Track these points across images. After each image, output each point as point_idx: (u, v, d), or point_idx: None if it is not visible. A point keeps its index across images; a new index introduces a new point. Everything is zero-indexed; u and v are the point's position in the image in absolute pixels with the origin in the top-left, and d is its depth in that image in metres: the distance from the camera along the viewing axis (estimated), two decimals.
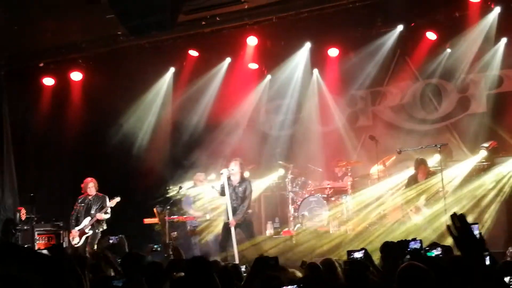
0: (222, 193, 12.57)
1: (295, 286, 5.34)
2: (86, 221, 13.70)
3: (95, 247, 13.52)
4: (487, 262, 5.58)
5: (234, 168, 12.47)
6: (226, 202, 12.54)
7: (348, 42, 15.84)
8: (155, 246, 13.86)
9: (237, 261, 11.40)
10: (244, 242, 12.44)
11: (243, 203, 12.45)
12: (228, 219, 12.41)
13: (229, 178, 12.53)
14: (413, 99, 16.18)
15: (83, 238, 13.71)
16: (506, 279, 5.58)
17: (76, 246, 13.67)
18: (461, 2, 14.38)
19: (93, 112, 16.50)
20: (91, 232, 13.73)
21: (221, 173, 12.51)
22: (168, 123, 17.09)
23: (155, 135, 16.91)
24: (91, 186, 13.89)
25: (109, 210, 13.81)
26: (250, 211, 13.02)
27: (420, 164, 13.42)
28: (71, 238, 13.84)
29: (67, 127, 16.61)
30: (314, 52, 16.28)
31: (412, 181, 13.47)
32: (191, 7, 13.51)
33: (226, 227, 12.48)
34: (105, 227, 13.92)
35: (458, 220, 5.06)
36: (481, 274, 4.40)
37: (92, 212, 13.75)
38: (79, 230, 13.72)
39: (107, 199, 13.83)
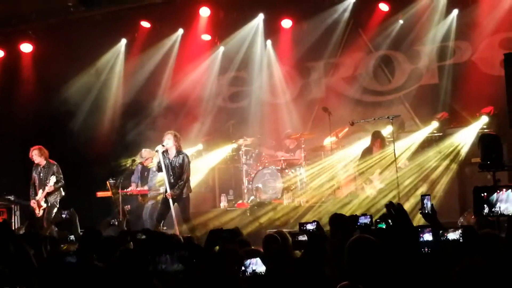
0: (159, 170, 12.41)
1: (258, 258, 5.30)
2: (40, 192, 13.40)
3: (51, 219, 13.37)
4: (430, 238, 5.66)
5: (168, 142, 12.26)
6: (164, 175, 12.32)
7: (301, 13, 15.81)
8: (112, 220, 13.79)
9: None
10: (178, 217, 12.31)
11: (181, 176, 12.28)
12: (165, 193, 12.25)
13: (166, 152, 12.32)
14: (366, 71, 16.22)
15: (41, 210, 13.41)
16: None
17: (37, 217, 13.42)
18: None
19: (43, 84, 16.25)
20: (45, 205, 13.45)
21: (156, 150, 12.32)
22: (118, 94, 16.91)
23: (105, 107, 16.71)
24: (34, 155, 13.52)
25: (59, 178, 13.46)
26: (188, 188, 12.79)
27: (377, 137, 13.50)
28: (34, 209, 13.52)
29: (17, 99, 16.34)
30: (267, 23, 16.24)
31: (367, 153, 13.56)
32: None
33: (164, 201, 12.35)
34: (62, 194, 13.61)
35: (394, 210, 5.15)
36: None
37: (44, 181, 13.43)
38: (36, 201, 13.44)
39: (55, 167, 13.50)
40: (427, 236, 5.91)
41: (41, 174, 13.51)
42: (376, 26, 15.63)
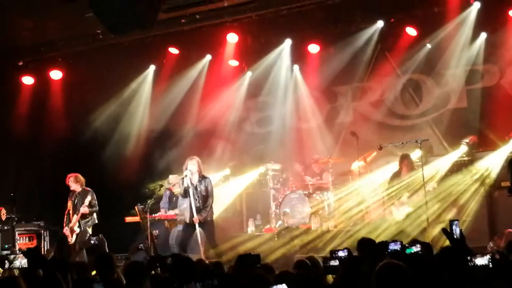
0: (185, 195, 12.47)
1: (284, 284, 5.25)
2: (74, 218, 13.48)
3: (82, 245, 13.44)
4: None
5: (192, 168, 12.37)
6: (188, 203, 12.39)
7: (328, 38, 15.84)
8: (140, 245, 13.81)
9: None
10: (203, 242, 12.31)
11: (206, 202, 12.36)
12: (190, 219, 12.30)
13: (190, 178, 12.40)
14: (394, 95, 16.20)
15: (74, 235, 13.46)
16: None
17: (68, 244, 13.49)
18: None
19: (73, 111, 16.39)
20: (78, 230, 13.49)
21: (185, 176, 12.39)
22: (146, 121, 16.99)
23: (133, 133, 16.80)
24: (71, 182, 13.64)
25: (93, 203, 13.54)
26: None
27: (404, 159, 13.45)
28: (67, 235, 13.58)
29: (47, 126, 16.48)
30: (294, 48, 16.25)
31: (395, 177, 13.50)
32: (171, 5, 13.47)
33: (188, 226, 12.40)
34: (95, 221, 13.68)
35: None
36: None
37: (78, 208, 13.49)
38: (70, 228, 13.50)
39: (90, 193, 13.54)
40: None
41: (76, 201, 13.56)
42: (404, 50, 15.60)
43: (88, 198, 13.42)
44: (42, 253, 13.69)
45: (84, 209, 13.39)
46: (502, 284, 5.09)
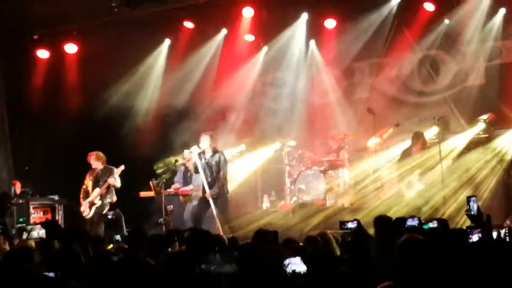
0: (196, 171, 12.52)
1: (298, 257, 5.26)
2: (95, 192, 13.61)
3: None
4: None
5: (204, 143, 12.42)
6: (204, 176, 12.43)
7: (345, 13, 15.69)
8: (160, 220, 13.88)
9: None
10: (222, 216, 12.33)
11: (218, 176, 12.36)
12: (203, 194, 12.38)
13: (203, 153, 12.47)
14: (411, 71, 16.06)
15: (93, 208, 13.62)
16: None
17: (86, 217, 13.65)
18: None
19: (88, 85, 16.36)
20: (99, 202, 13.63)
21: (190, 152, 12.44)
22: (162, 95, 16.94)
23: (149, 108, 16.77)
24: (92, 159, 13.81)
25: (118, 179, 13.73)
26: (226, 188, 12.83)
27: (419, 137, 13.36)
28: (82, 210, 13.74)
29: (61, 100, 16.47)
30: (310, 23, 16.13)
31: (406, 155, 13.42)
32: None
33: (202, 201, 12.46)
34: (114, 199, 13.82)
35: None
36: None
37: (100, 183, 13.68)
38: (89, 201, 13.64)
39: (114, 169, 13.74)
40: (476, 237, 5.88)
41: (97, 178, 13.72)
42: (421, 26, 15.46)
43: (113, 173, 13.62)
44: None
45: (111, 180, 13.60)
46: None
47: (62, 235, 6.50)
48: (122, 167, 13.77)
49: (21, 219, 14.48)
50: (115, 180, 13.67)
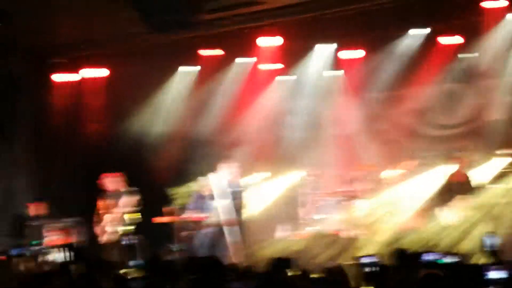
0: (216, 197, 12.52)
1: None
2: (108, 217, 13.56)
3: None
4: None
5: (226, 171, 12.47)
6: (221, 204, 12.51)
7: (368, 44, 15.80)
8: (174, 246, 13.89)
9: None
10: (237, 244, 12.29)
11: (239, 203, 12.37)
12: (221, 221, 12.42)
13: (224, 180, 12.55)
14: (431, 104, 16.09)
15: (105, 234, 13.58)
16: None
17: (101, 241, 13.61)
18: (480, 8, 14.25)
19: (110, 109, 16.52)
20: (110, 229, 13.58)
21: (212, 178, 12.44)
22: (182, 122, 17.06)
23: (168, 134, 16.87)
24: (106, 182, 13.78)
25: (128, 204, 13.62)
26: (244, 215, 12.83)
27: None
28: (97, 234, 13.72)
29: (83, 123, 16.64)
30: (332, 53, 16.23)
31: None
32: (213, 7, 13.52)
33: (219, 228, 12.50)
34: (127, 227, 13.77)
35: None
36: None
37: (112, 208, 13.61)
38: (101, 226, 13.61)
39: (125, 194, 13.65)
40: (493, 274, 5.86)
41: (110, 200, 13.66)
42: (442, 59, 15.51)
43: (122, 200, 13.50)
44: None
45: (117, 211, 13.48)
46: None
47: (82, 259, 6.56)
48: (135, 198, 13.68)
49: (36, 242, 14.52)
50: (124, 206, 13.54)
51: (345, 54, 16.21)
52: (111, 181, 13.74)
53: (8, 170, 16.25)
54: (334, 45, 16.10)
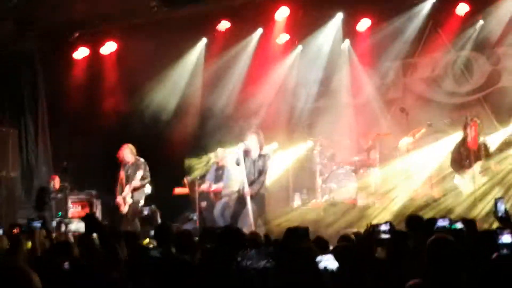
0: (238, 164, 12.51)
1: (330, 255, 5.39)
2: (127, 189, 13.55)
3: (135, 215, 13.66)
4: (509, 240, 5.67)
5: (251, 142, 12.39)
6: (240, 175, 12.45)
7: (380, 13, 15.80)
8: (191, 215, 14.03)
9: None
10: (254, 215, 12.42)
11: (260, 176, 12.39)
12: (241, 192, 12.38)
13: (247, 151, 12.43)
14: (445, 71, 16.05)
15: (127, 205, 13.55)
16: None
17: (123, 212, 13.60)
18: None
19: (125, 83, 16.65)
20: (131, 200, 13.54)
21: (238, 148, 12.44)
22: (198, 94, 17.17)
23: (184, 106, 17.01)
24: (124, 153, 13.77)
25: (145, 175, 13.58)
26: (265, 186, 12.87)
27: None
28: (118, 204, 13.71)
29: (99, 98, 16.81)
30: (345, 22, 16.24)
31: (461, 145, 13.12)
32: None
33: (240, 199, 12.50)
34: (148, 192, 13.89)
35: None
36: None
37: (131, 178, 13.58)
38: (122, 197, 13.59)
39: (142, 165, 13.60)
40: (506, 238, 5.93)
41: (129, 171, 13.66)
42: (456, 26, 15.48)
43: (140, 172, 13.49)
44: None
45: (135, 183, 13.50)
46: None
47: (101, 230, 6.68)
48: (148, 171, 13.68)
49: (59, 214, 14.79)
50: (139, 180, 13.57)
51: (356, 23, 16.20)
52: (130, 153, 13.77)
53: (30, 145, 16.49)
54: (346, 15, 16.05)
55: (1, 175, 15.14)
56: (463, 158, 12.77)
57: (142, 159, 13.76)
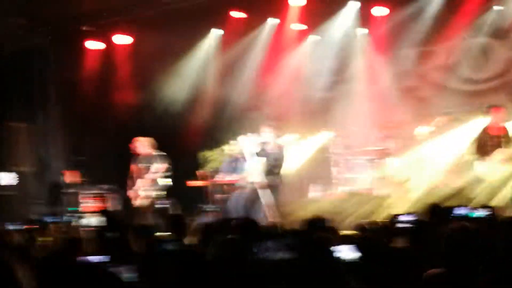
0: (257, 155, 12.50)
1: (345, 245, 5.31)
2: (139, 182, 13.48)
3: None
4: None
5: (267, 132, 12.37)
6: (254, 165, 12.46)
7: (393, 1, 15.64)
8: (205, 207, 13.98)
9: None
10: (270, 206, 12.33)
11: (276, 167, 12.37)
12: (258, 182, 12.35)
13: (263, 142, 12.42)
14: (461, 58, 15.88)
15: (139, 199, 13.49)
16: None
17: (135, 205, 13.54)
18: None
19: (137, 76, 16.61)
20: (143, 193, 13.47)
21: (253, 139, 12.40)
22: (212, 85, 17.10)
23: (197, 98, 16.93)
24: (137, 146, 13.63)
25: (159, 168, 13.44)
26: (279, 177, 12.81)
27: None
28: (130, 198, 13.66)
29: (112, 90, 16.77)
30: (361, 11, 16.11)
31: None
32: None
33: (255, 190, 12.46)
34: (165, 185, 13.63)
35: None
36: None
37: (144, 172, 13.48)
38: (134, 191, 13.54)
39: (155, 158, 13.47)
40: None
41: (141, 165, 13.55)
42: (471, 13, 15.30)
43: (155, 165, 13.39)
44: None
45: (148, 176, 13.40)
46: None
47: (117, 225, 6.65)
48: (167, 162, 13.56)
49: (71, 208, 14.75)
50: (156, 171, 13.39)
51: (372, 11, 16.06)
52: (143, 146, 13.63)
53: (42, 139, 16.49)
54: (362, 2, 15.91)
55: (13, 170, 15.14)
56: (485, 145, 12.58)
57: (157, 152, 13.60)
